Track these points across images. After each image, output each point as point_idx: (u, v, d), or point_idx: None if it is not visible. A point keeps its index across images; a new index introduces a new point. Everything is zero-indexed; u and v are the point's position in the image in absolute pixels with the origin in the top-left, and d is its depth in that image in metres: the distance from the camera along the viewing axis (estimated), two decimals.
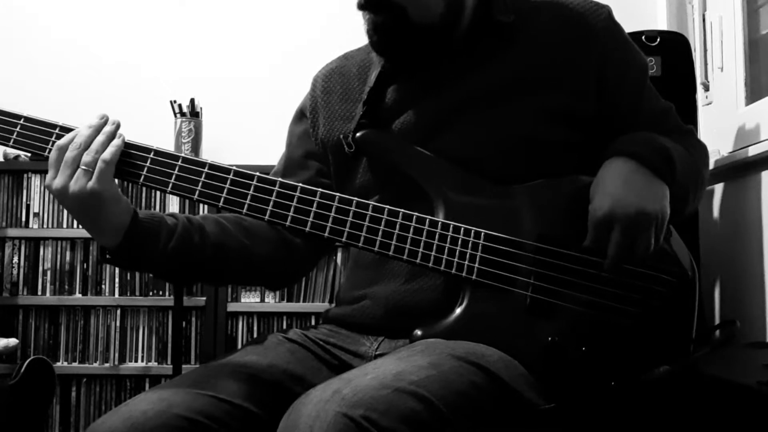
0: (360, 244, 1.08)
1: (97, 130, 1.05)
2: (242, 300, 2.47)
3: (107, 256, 1.09)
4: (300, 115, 1.34)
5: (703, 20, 2.13)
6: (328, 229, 1.07)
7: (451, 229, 1.08)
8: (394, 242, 1.07)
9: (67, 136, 1.05)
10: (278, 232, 1.22)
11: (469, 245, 1.08)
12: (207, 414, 0.98)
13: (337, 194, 1.09)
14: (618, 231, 1.05)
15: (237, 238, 1.18)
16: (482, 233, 1.09)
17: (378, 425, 0.82)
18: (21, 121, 1.07)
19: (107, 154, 1.03)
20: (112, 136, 1.05)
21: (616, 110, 1.19)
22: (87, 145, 1.04)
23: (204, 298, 2.44)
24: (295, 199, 1.08)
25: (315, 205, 1.08)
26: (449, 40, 1.17)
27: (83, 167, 1.02)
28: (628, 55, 1.22)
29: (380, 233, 1.08)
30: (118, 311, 2.47)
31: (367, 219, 1.08)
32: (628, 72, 1.20)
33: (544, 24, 1.18)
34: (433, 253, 1.07)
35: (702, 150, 1.25)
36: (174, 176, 1.07)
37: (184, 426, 0.95)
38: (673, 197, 1.10)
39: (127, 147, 1.07)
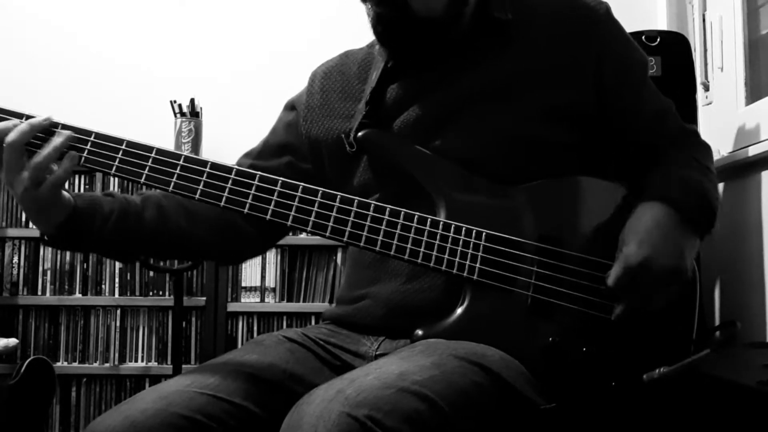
0: (361, 244, 1.08)
1: (37, 131, 1.04)
2: (242, 300, 2.47)
3: (45, 238, 1.11)
4: (291, 107, 1.34)
5: (703, 20, 2.13)
6: (329, 228, 1.08)
7: (452, 229, 1.08)
8: (395, 242, 1.07)
9: (5, 126, 1.03)
10: (222, 215, 1.20)
11: (470, 245, 1.08)
12: (206, 413, 0.98)
13: (339, 194, 1.09)
14: (647, 285, 1.04)
15: (176, 222, 1.18)
16: (483, 233, 1.09)
17: (382, 425, 0.82)
18: None
19: (57, 178, 1.03)
20: (61, 151, 1.04)
21: (615, 108, 1.18)
22: (30, 153, 1.03)
23: (204, 298, 2.44)
24: (297, 199, 1.08)
25: (316, 205, 1.08)
26: (450, 36, 1.17)
27: (29, 180, 1.02)
28: (627, 51, 1.21)
29: (381, 233, 1.07)
30: (118, 311, 2.47)
31: (369, 219, 1.08)
32: (627, 68, 1.20)
33: (542, 22, 1.18)
34: (434, 253, 1.07)
35: (708, 154, 1.24)
36: (176, 176, 1.07)
37: (183, 425, 0.95)
38: None
39: (129, 146, 1.07)
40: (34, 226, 1.21)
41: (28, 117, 1.07)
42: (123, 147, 1.07)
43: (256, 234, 1.26)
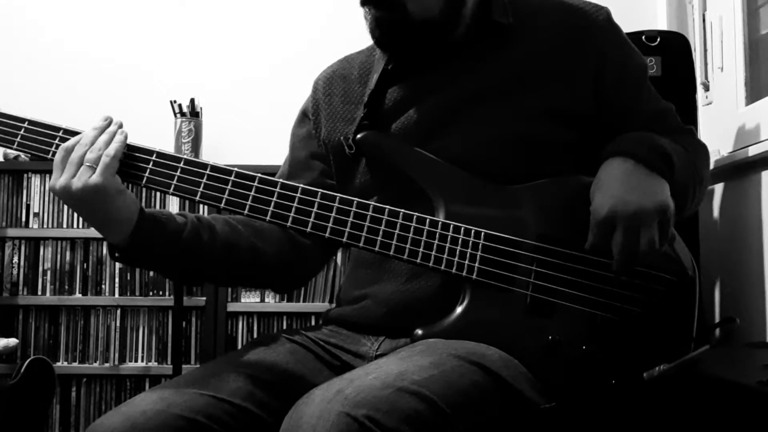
0: (361, 244, 1.08)
1: (101, 130, 1.06)
2: (242, 300, 2.47)
3: (116, 254, 1.09)
4: (302, 117, 1.34)
5: (703, 20, 2.13)
6: (329, 229, 1.08)
7: (451, 229, 1.08)
8: (394, 242, 1.07)
9: (74, 139, 1.06)
10: (287, 233, 1.22)
11: (470, 245, 1.08)
12: (207, 414, 0.98)
13: (338, 195, 1.09)
14: (621, 229, 1.05)
15: (247, 238, 1.18)
16: (482, 233, 1.09)
17: (381, 425, 0.82)
18: (25, 125, 1.09)
19: (111, 149, 1.04)
20: (114, 134, 1.06)
21: (614, 111, 1.19)
22: (91, 144, 1.04)
23: (204, 298, 2.44)
24: (297, 200, 1.08)
25: (316, 206, 1.08)
26: (449, 38, 1.18)
27: (87, 164, 1.03)
28: (627, 55, 1.22)
29: (381, 233, 1.08)
30: (118, 311, 2.47)
31: (368, 219, 1.08)
32: (626, 72, 1.20)
33: (542, 25, 1.19)
34: (433, 253, 1.07)
35: (702, 149, 1.25)
36: (176, 178, 1.07)
37: (183, 426, 0.96)
38: (671, 194, 1.10)
39: (130, 149, 1.08)
40: (102, 238, 1.18)
41: (30, 121, 1.09)
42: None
43: (316, 248, 1.25)
